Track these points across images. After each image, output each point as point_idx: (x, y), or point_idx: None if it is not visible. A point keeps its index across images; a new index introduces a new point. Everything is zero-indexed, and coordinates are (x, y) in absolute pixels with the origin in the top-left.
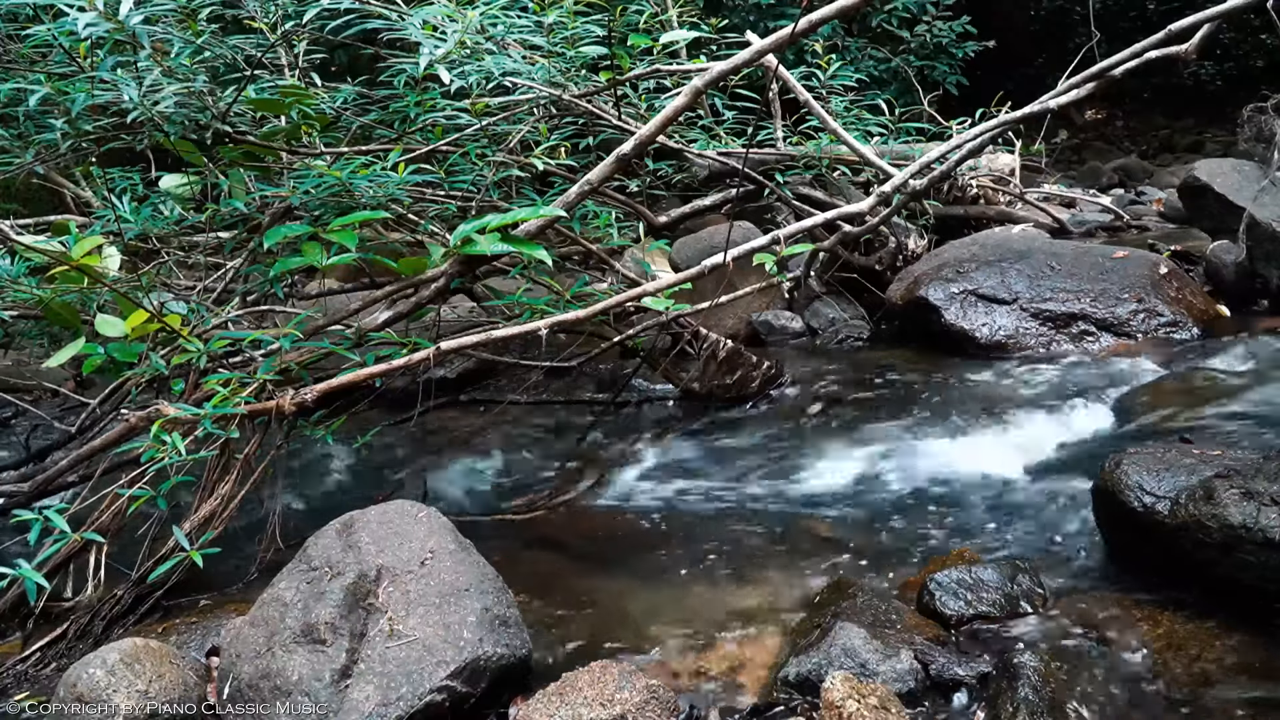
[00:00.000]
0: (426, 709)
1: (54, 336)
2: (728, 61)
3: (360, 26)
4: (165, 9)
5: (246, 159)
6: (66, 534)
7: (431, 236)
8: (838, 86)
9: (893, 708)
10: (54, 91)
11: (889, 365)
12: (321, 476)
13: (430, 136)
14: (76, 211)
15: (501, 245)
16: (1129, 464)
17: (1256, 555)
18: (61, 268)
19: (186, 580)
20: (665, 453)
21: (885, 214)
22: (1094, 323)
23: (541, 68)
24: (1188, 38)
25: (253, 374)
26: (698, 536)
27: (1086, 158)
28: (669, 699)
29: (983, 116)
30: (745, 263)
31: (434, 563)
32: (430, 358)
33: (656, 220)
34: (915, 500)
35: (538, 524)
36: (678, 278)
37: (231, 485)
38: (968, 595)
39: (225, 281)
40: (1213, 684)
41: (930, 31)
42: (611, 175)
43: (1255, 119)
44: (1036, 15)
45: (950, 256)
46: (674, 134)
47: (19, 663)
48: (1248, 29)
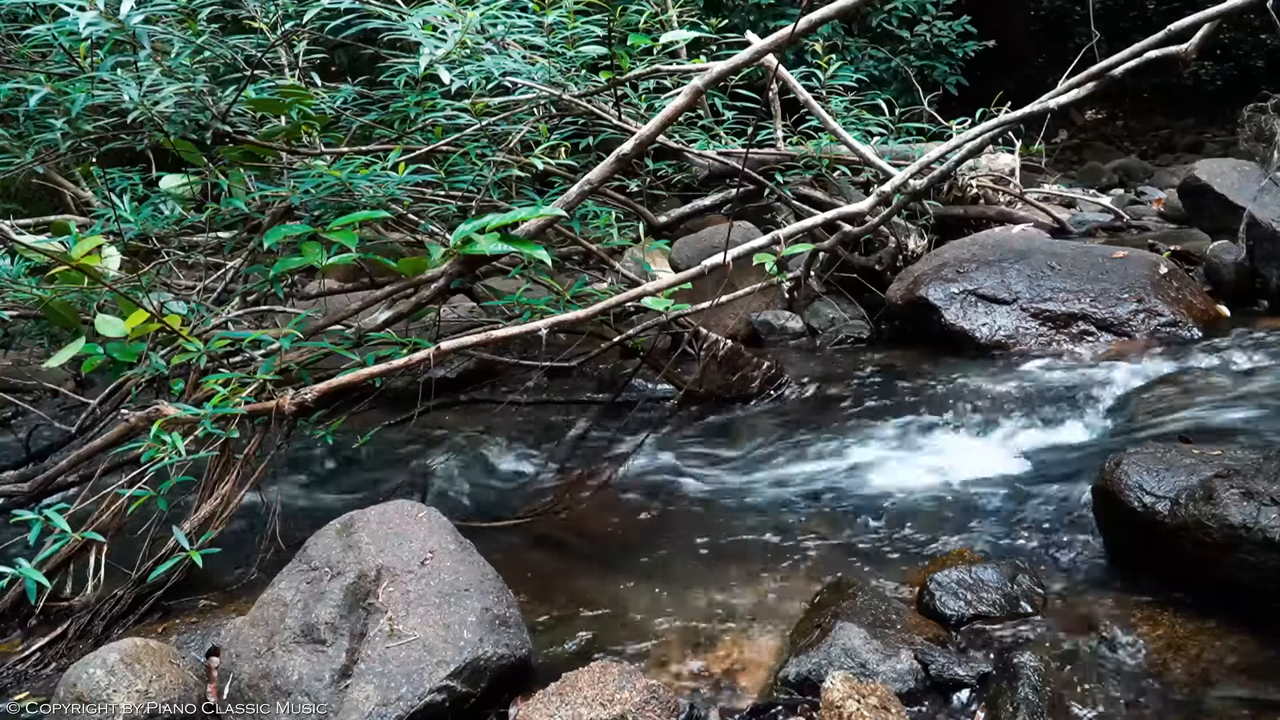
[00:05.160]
0: (426, 709)
1: (54, 336)
2: (728, 61)
3: (360, 26)
4: (165, 9)
5: (246, 159)
6: (66, 534)
7: (431, 236)
8: (838, 86)
9: (893, 708)
10: (54, 91)
11: (889, 365)
12: (322, 476)
13: (430, 136)
14: (76, 211)
15: (501, 245)
16: (1129, 464)
17: (1256, 555)
18: (61, 268)
19: (186, 580)
20: (665, 453)
21: (885, 214)
22: (1094, 323)
23: (541, 68)
24: (1187, 38)
25: (253, 374)
26: (698, 536)
27: (1086, 158)
28: (669, 699)
29: (983, 116)
30: (745, 263)
31: (434, 563)
32: (430, 358)
33: (656, 220)
34: (915, 500)
35: (537, 524)
36: (678, 278)
37: (231, 485)
38: (968, 595)
39: (225, 281)
40: (1213, 684)
41: (930, 31)
42: (611, 175)
43: (1255, 119)
44: (1036, 15)
45: (950, 256)
46: (674, 134)
47: (19, 662)
48: (1248, 29)
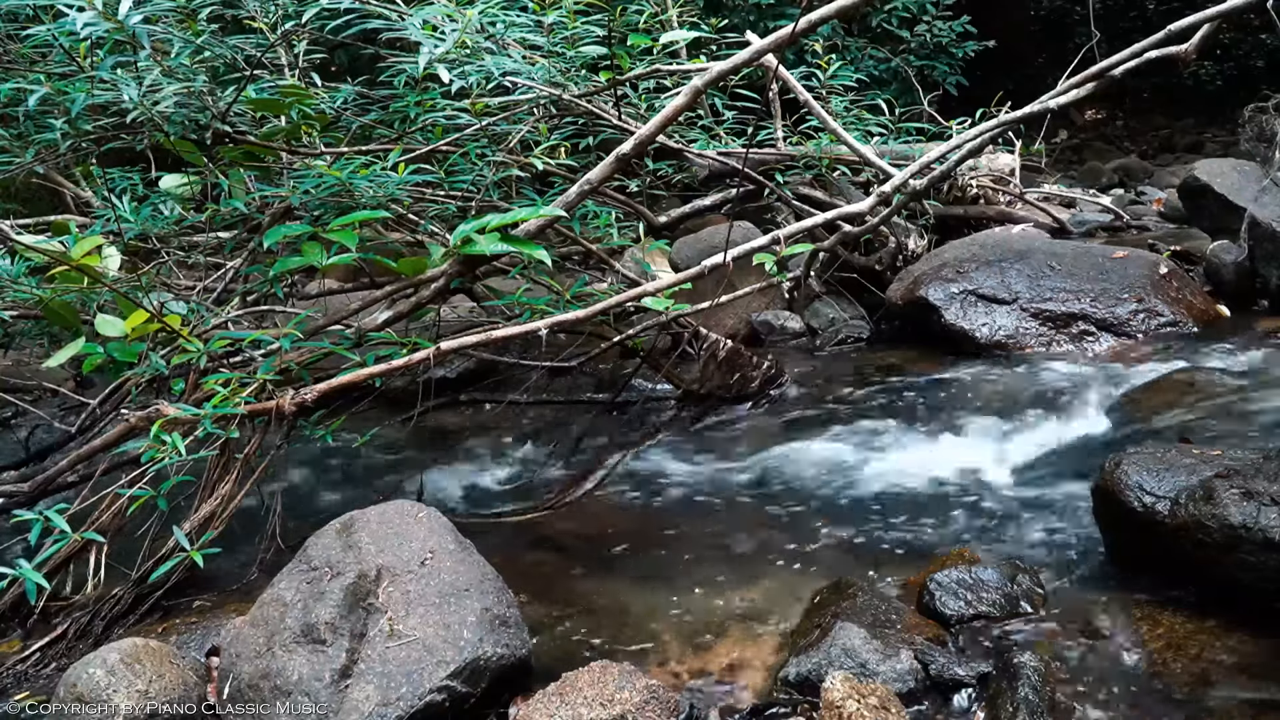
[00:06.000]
0: (426, 709)
1: (54, 336)
2: (728, 61)
3: (360, 26)
4: (165, 9)
5: (246, 159)
6: (66, 534)
7: (431, 236)
8: (838, 86)
9: (893, 708)
10: (54, 91)
11: (889, 365)
12: (322, 476)
13: (430, 136)
14: (76, 211)
15: (501, 245)
16: (1129, 464)
17: (1256, 555)
18: (61, 268)
19: (186, 580)
20: (665, 453)
21: (885, 214)
22: (1094, 323)
23: (541, 68)
24: (1187, 38)
25: (253, 374)
26: (698, 536)
27: (1086, 158)
28: (669, 699)
29: (983, 116)
30: (745, 263)
31: (434, 563)
32: (430, 358)
33: (656, 220)
34: (915, 500)
35: (538, 524)
36: (678, 278)
37: (231, 485)
38: (968, 595)
39: (225, 281)
40: (1213, 684)
41: (930, 31)
42: (611, 175)
43: (1255, 119)
44: (1036, 15)
45: (950, 256)
46: (674, 134)
47: (19, 663)
48: (1248, 29)
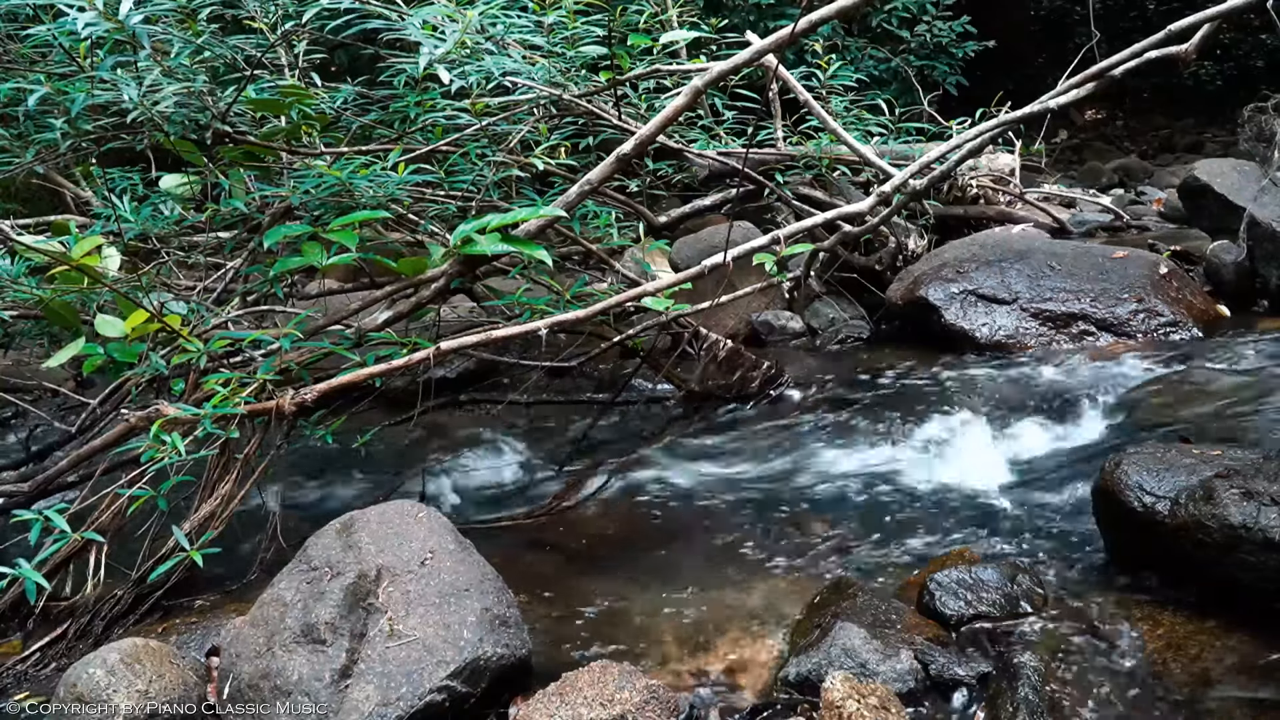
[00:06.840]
0: (426, 709)
1: (54, 336)
2: (728, 61)
3: (360, 26)
4: (165, 9)
5: (246, 159)
6: (66, 534)
7: (431, 236)
8: (838, 86)
9: (893, 708)
10: (54, 91)
11: (889, 365)
12: (322, 476)
13: (430, 136)
14: (76, 211)
15: (501, 245)
16: (1129, 464)
17: (1256, 555)
18: (61, 268)
19: (186, 580)
20: (665, 453)
21: (885, 214)
22: (1094, 323)
23: (541, 68)
24: (1187, 38)
25: (253, 374)
26: (698, 536)
27: (1086, 158)
28: (669, 699)
29: (983, 116)
30: (745, 263)
31: (434, 563)
32: (430, 358)
33: (656, 220)
34: (915, 500)
35: (538, 524)
36: (678, 278)
37: (231, 485)
38: (968, 595)
39: (225, 281)
40: (1213, 684)
41: (930, 31)
42: (611, 175)
43: (1255, 119)
44: (1036, 15)
45: (950, 256)
46: (674, 134)
47: (19, 663)
48: (1248, 29)
